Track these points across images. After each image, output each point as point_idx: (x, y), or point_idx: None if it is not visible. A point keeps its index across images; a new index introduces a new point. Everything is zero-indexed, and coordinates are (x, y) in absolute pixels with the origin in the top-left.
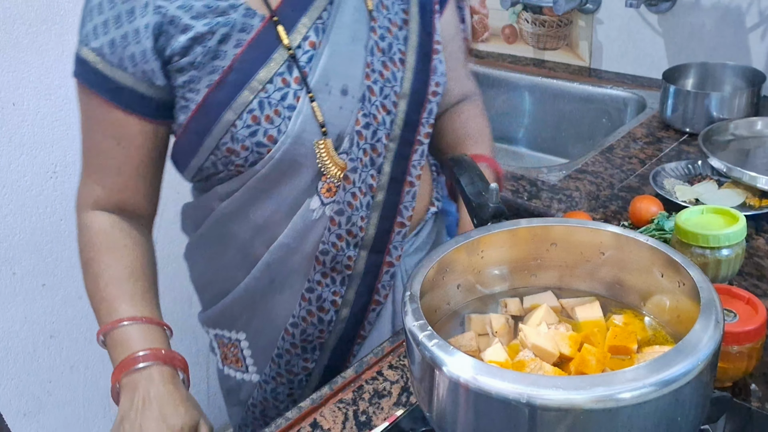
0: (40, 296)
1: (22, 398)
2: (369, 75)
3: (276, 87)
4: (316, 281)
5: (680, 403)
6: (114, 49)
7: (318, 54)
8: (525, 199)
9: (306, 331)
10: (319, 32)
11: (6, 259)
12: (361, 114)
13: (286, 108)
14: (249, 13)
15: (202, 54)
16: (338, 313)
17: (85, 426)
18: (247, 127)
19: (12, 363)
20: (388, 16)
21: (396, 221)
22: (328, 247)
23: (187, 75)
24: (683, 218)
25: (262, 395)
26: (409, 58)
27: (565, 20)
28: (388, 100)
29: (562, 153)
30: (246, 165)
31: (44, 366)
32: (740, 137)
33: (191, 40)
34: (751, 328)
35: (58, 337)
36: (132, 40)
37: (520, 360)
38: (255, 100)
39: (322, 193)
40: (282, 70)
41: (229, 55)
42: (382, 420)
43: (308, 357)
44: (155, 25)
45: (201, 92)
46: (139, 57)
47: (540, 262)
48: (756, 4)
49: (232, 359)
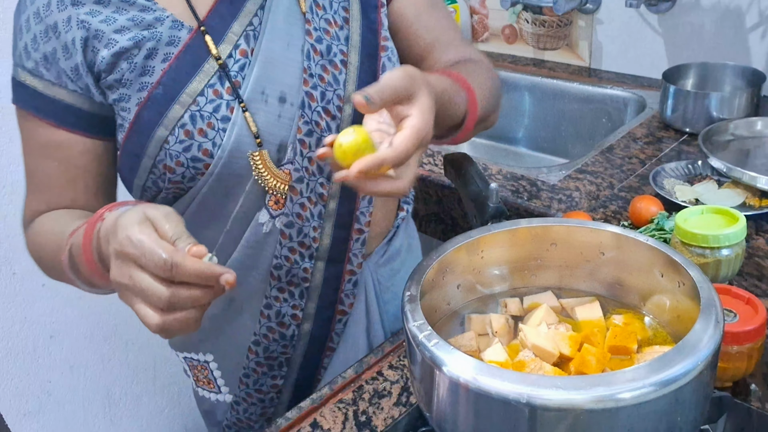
0: (40, 296)
1: (22, 398)
2: (307, 81)
3: (208, 99)
4: (274, 297)
5: (680, 403)
6: (48, 65)
7: (250, 62)
8: (525, 199)
9: (269, 348)
10: (251, 39)
11: (6, 259)
12: (302, 122)
13: (220, 120)
14: (176, 26)
15: (128, 70)
16: (300, 327)
17: (85, 426)
18: (180, 143)
19: (12, 363)
20: (325, 17)
21: (353, 229)
22: (281, 261)
23: (117, 93)
24: (683, 218)
25: (235, 416)
26: (351, 58)
27: (565, 20)
28: (331, 104)
29: (562, 153)
30: (184, 182)
31: (44, 366)
32: (740, 137)
33: (115, 55)
34: (751, 328)
35: (58, 337)
36: (62, 56)
37: (520, 360)
38: (186, 114)
39: (270, 206)
40: (213, 82)
41: (157, 70)
42: (382, 420)
43: (276, 374)
44: (81, 40)
45: (132, 110)
46: (72, 72)
47: (540, 262)
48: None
49: (203, 381)
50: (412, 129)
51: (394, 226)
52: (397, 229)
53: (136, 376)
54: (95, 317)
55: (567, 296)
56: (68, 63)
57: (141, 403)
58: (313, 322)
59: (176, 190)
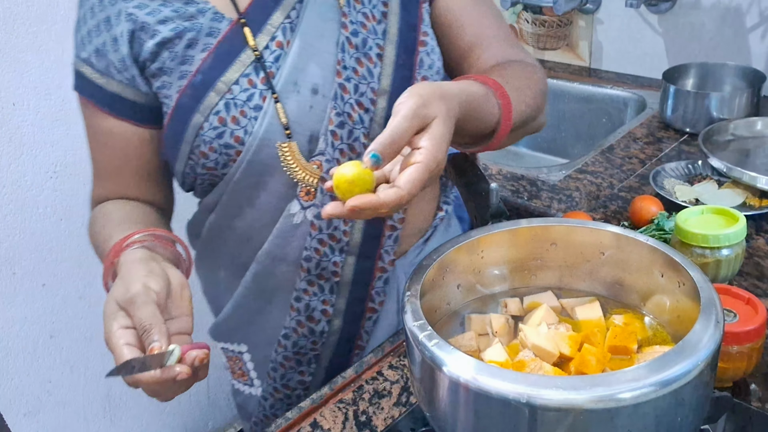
0: (40, 296)
1: (22, 398)
2: (340, 72)
3: (242, 88)
4: (303, 290)
5: (680, 403)
6: (99, 57)
7: (285, 54)
8: (525, 199)
9: (298, 343)
10: (287, 32)
11: (6, 259)
12: (334, 113)
13: (252, 108)
14: (217, 18)
15: (169, 59)
16: (330, 323)
17: (85, 426)
18: (214, 129)
19: (12, 363)
20: (362, 11)
21: (386, 225)
22: (310, 253)
23: (159, 81)
24: (683, 218)
25: (262, 412)
26: (387, 52)
27: (565, 20)
28: (364, 97)
29: (562, 153)
30: (218, 168)
31: (44, 366)
32: (740, 137)
33: (158, 45)
34: (751, 328)
35: (58, 337)
36: (111, 48)
37: (520, 360)
38: (221, 102)
39: (301, 197)
40: (248, 71)
41: (197, 59)
42: (382, 420)
43: (304, 370)
44: (129, 32)
45: (173, 98)
46: (119, 64)
47: (540, 262)
48: (756, 4)
49: (238, 373)
50: (420, 167)
51: (432, 226)
52: (435, 229)
53: None
54: (95, 317)
55: (567, 296)
56: (116, 55)
57: (141, 403)
58: (343, 318)
59: (211, 177)
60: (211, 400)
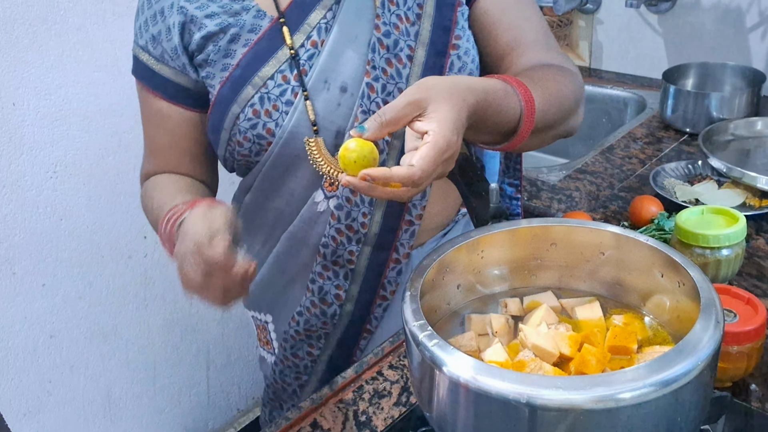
0: (40, 296)
1: (22, 398)
2: (369, 72)
3: (276, 83)
4: (318, 273)
5: (680, 403)
6: (155, 44)
7: (318, 53)
8: (525, 199)
9: (309, 321)
10: (322, 32)
11: (6, 259)
12: (360, 111)
13: (284, 103)
14: (259, 15)
15: (213, 52)
16: (342, 307)
17: (85, 426)
18: (248, 120)
19: (12, 363)
20: (397, 12)
21: (403, 220)
22: (328, 240)
23: (204, 71)
24: (683, 218)
25: (273, 377)
26: (418, 54)
27: (565, 20)
28: (391, 97)
29: (562, 153)
30: (252, 156)
31: (44, 366)
32: (740, 137)
33: (204, 38)
34: (751, 328)
35: (58, 337)
36: (165, 37)
37: (520, 360)
38: (256, 95)
39: (325, 187)
40: (283, 68)
41: (238, 54)
42: (382, 420)
43: (313, 344)
44: (180, 24)
45: (216, 87)
46: (172, 52)
47: (540, 262)
48: (756, 4)
49: (264, 341)
50: (429, 145)
51: (453, 221)
52: (456, 223)
53: (136, 376)
54: (95, 317)
55: (567, 296)
56: (169, 44)
57: (141, 403)
58: (354, 304)
59: (246, 163)
60: (211, 400)
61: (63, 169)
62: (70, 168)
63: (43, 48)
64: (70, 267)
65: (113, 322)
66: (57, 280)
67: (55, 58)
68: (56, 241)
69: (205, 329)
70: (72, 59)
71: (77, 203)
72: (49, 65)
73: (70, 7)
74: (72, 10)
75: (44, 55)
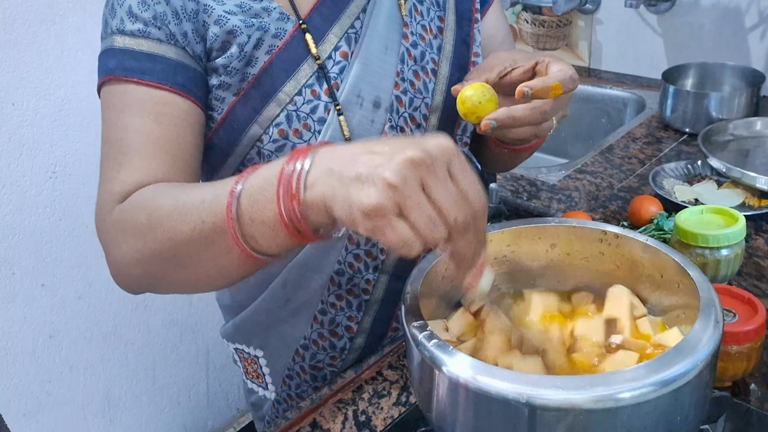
0: (40, 296)
1: (22, 398)
2: (398, 84)
3: (305, 99)
4: (330, 303)
5: (680, 403)
6: (159, 24)
7: (349, 65)
8: (525, 199)
9: (316, 356)
10: (351, 42)
11: (6, 259)
12: (388, 126)
13: (317, 121)
14: (283, 18)
15: (237, 58)
16: (352, 340)
17: (84, 426)
18: (274, 142)
19: (12, 363)
20: (422, 23)
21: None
22: (344, 267)
23: (218, 79)
24: (683, 218)
25: (275, 415)
26: (442, 68)
27: (565, 20)
28: (418, 112)
29: (562, 153)
30: None
31: (44, 366)
32: (739, 137)
33: (228, 33)
34: (750, 328)
35: (57, 337)
36: (172, 19)
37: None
38: (282, 114)
39: None
40: (311, 82)
41: (260, 62)
42: (381, 420)
43: (320, 385)
44: (192, 11)
45: (227, 101)
46: (182, 36)
47: (540, 262)
48: (756, 4)
49: (252, 374)
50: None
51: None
52: None
53: (135, 376)
54: (95, 317)
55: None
56: (179, 27)
57: (141, 403)
58: (366, 337)
59: None
60: (211, 400)
61: (62, 169)
62: (70, 168)
63: (43, 48)
64: (70, 267)
65: (113, 322)
66: (57, 280)
67: (55, 58)
68: (56, 241)
69: (205, 329)
70: (72, 59)
71: (77, 203)
72: (49, 65)
73: (70, 7)
74: (72, 9)
75: (44, 56)
